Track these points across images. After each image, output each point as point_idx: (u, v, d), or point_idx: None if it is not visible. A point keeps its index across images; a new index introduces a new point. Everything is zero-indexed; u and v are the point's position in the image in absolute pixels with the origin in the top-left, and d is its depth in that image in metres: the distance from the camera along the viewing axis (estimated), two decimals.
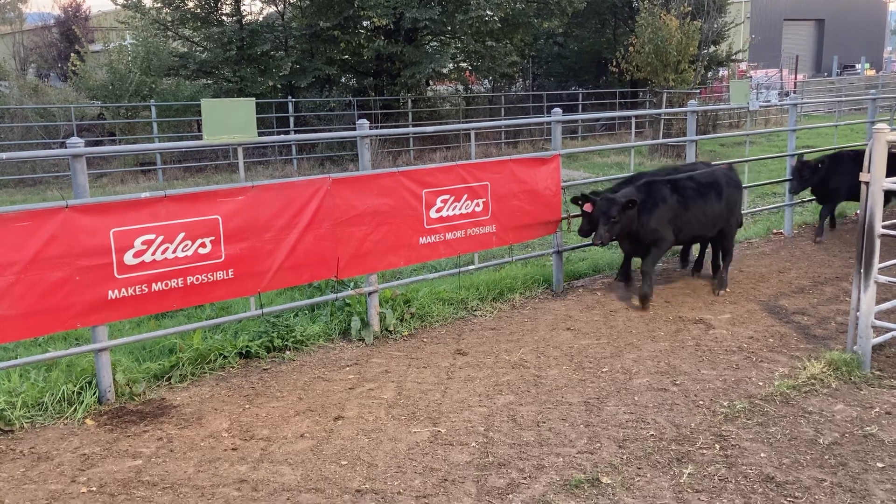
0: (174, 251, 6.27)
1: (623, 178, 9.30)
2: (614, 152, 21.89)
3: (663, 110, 21.74)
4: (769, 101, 21.16)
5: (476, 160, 8.41)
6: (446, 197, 7.98)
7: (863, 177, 6.23)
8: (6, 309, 5.59)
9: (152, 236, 6.16)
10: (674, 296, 8.92)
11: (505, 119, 26.55)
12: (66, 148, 6.05)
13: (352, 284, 8.18)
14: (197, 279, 6.44)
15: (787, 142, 12.26)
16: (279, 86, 25.27)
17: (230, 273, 6.60)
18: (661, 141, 18.91)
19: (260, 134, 7.21)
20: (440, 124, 22.53)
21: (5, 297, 5.58)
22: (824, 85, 41.10)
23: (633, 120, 21.96)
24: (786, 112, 20.75)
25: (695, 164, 9.62)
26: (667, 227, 8.34)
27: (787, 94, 30.21)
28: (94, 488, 5.01)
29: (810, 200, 13.55)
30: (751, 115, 18.80)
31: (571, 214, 9.13)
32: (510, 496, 4.74)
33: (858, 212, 6.80)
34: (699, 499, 4.64)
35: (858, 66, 51.41)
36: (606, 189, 8.81)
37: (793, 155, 12.04)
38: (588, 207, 8.39)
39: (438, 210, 7.94)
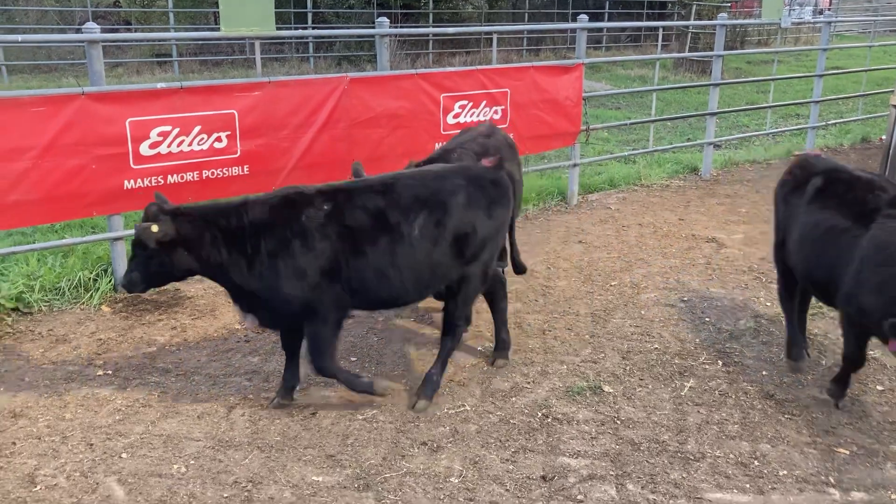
0: (190, 144, 6.25)
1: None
2: (638, 65, 21.38)
3: (691, 22, 21.08)
4: (802, 18, 20.46)
5: (497, 66, 8.23)
6: (465, 103, 7.85)
7: (892, 100, 6.11)
8: (23, 194, 5.63)
9: (168, 128, 6.12)
10: (688, 213, 8.88)
11: (528, 24, 25.85)
12: (82, 34, 5.96)
13: None
14: (212, 173, 6.44)
15: (817, 62, 11.92)
16: None
17: (245, 169, 6.59)
18: (686, 55, 18.45)
19: (277, 29, 7.06)
20: (461, 26, 21.96)
21: (22, 182, 5.60)
22: (861, 3, 39.61)
23: (661, 32, 21.31)
24: (818, 30, 20.11)
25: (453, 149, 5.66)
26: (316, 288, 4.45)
27: (820, 12, 29.19)
28: (110, 372, 5.16)
29: (834, 123, 13.30)
30: (781, 31, 18.23)
31: (591, 126, 9.00)
32: (513, 399, 4.86)
33: (884, 137, 6.67)
34: (698, 411, 4.75)
35: None
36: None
37: (822, 75, 11.74)
38: None
39: (456, 116, 7.83)
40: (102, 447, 4.30)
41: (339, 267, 4.42)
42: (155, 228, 4.26)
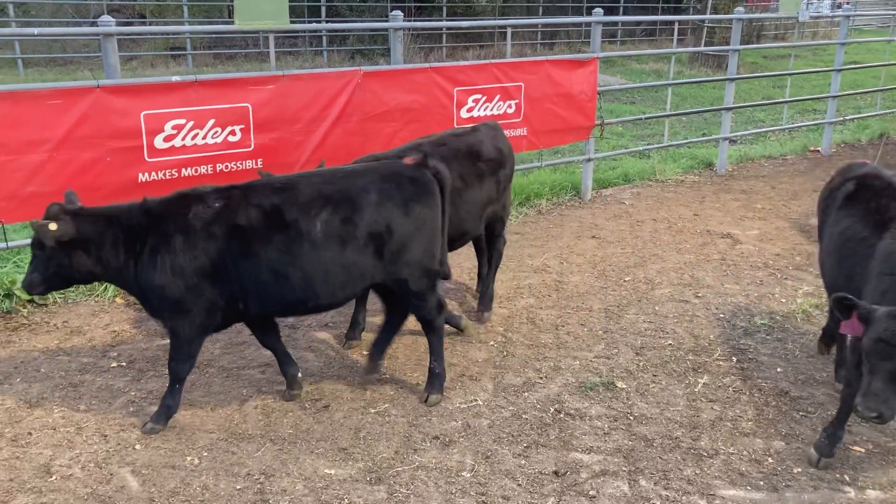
0: (204, 137, 6.26)
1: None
2: (653, 59, 21.28)
3: (707, 16, 20.93)
4: (820, 12, 20.28)
5: (511, 59, 8.20)
6: (478, 97, 7.83)
7: None
8: (39, 186, 5.66)
9: (182, 121, 6.13)
10: (702, 209, 8.83)
11: (543, 18, 25.74)
12: (97, 27, 5.98)
13: None
14: (226, 167, 6.45)
15: (835, 56, 11.81)
16: None
17: (259, 163, 6.59)
18: (701, 49, 18.31)
19: (291, 22, 7.06)
20: (475, 20, 21.89)
21: (38, 174, 5.63)
22: None
23: (676, 26, 21.17)
24: (836, 25, 19.93)
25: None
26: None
27: (839, 6, 28.91)
28: (124, 363, 5.20)
29: (851, 119, 13.19)
30: (799, 26, 18.07)
31: (606, 121, 8.95)
32: (525, 394, 4.85)
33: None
34: (712, 408, 4.72)
35: None
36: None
37: (839, 70, 11.62)
38: None
39: (469, 110, 7.81)
40: (116, 438, 4.33)
41: (224, 268, 4.23)
42: (53, 227, 4.10)
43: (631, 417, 4.62)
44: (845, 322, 3.77)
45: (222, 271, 4.24)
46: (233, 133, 6.40)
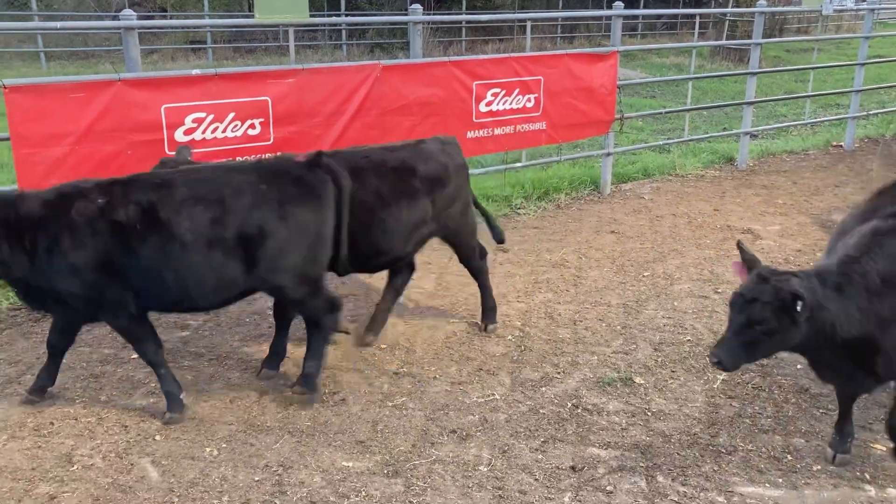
0: (224, 131, 6.29)
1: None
2: (674, 53, 21.11)
3: (729, 10, 20.74)
4: (844, 6, 20.03)
5: (530, 53, 8.17)
6: (497, 90, 7.81)
7: None
8: (60, 179, 5.66)
9: (203, 114, 6.16)
10: (723, 204, 8.76)
11: (563, 11, 25.62)
12: (118, 20, 6.02)
13: None
14: (246, 160, 6.47)
15: (859, 50, 11.66)
16: None
17: None
18: (723, 43, 18.16)
19: (311, 16, 7.07)
20: (495, 13, 21.83)
21: (60, 167, 5.68)
22: None
23: (697, 19, 20.99)
24: (860, 18, 19.67)
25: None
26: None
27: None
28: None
29: (875, 113, 13.04)
30: (822, 19, 17.86)
31: (626, 115, 8.90)
32: (543, 389, 4.85)
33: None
34: (731, 404, 4.70)
35: None
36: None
37: (863, 64, 11.48)
38: None
39: (488, 104, 7.79)
40: (137, 429, 4.37)
41: (112, 264, 4.14)
42: None
43: (649, 413, 4.60)
44: (735, 262, 3.89)
45: (112, 268, 4.15)
46: (252, 126, 6.43)
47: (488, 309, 5.70)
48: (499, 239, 5.93)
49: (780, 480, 3.98)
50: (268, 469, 4.03)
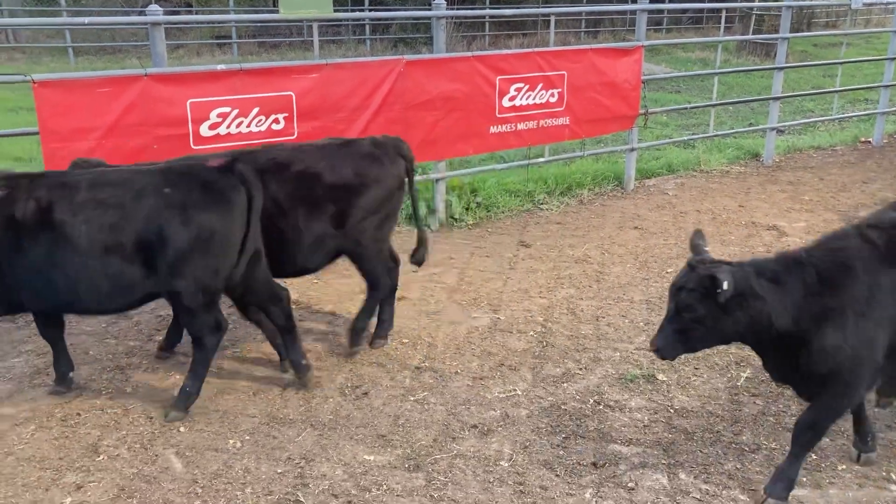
0: (248, 125, 6.33)
1: None
2: (699, 48, 20.94)
3: (756, 3, 20.50)
4: None
5: (554, 48, 8.14)
6: (520, 85, 7.79)
7: None
8: None
9: (227, 109, 6.21)
10: (748, 200, 8.68)
11: (587, 5, 25.47)
12: (145, 16, 6.08)
13: (419, 170, 8.17)
14: None
15: (889, 44, 11.48)
16: None
17: None
18: (749, 37, 17.95)
19: (334, 11, 7.09)
20: (519, 8, 21.72)
21: None
22: None
23: (723, 13, 20.77)
24: (890, 11, 19.35)
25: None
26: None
27: None
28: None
29: None
30: (851, 13, 17.61)
31: (650, 110, 8.84)
32: (565, 385, 4.84)
33: None
34: (755, 402, 4.66)
35: None
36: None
37: (893, 59, 11.30)
38: None
39: (511, 99, 7.78)
40: (161, 420, 4.42)
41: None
42: None
43: (671, 410, 4.58)
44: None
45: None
46: (276, 121, 6.47)
47: (382, 322, 5.31)
48: (416, 261, 5.55)
49: (805, 479, 3.95)
50: (290, 461, 4.07)
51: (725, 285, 3.39)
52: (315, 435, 4.30)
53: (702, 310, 3.51)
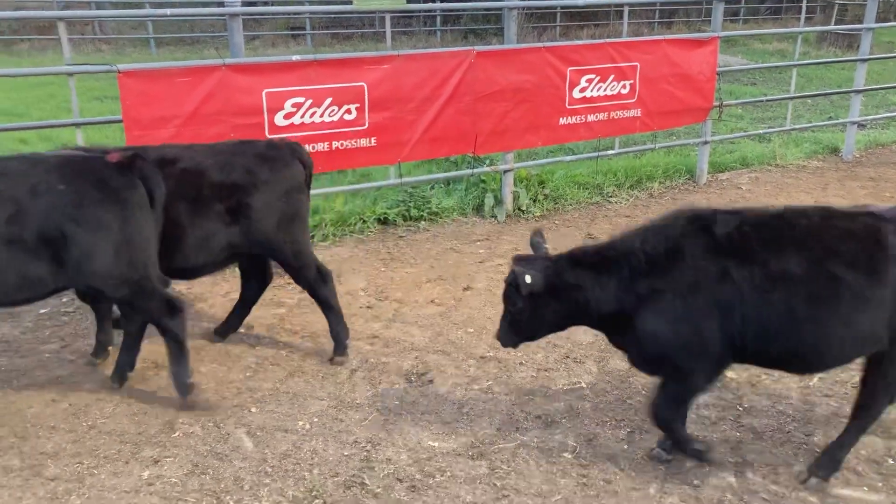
0: (321, 115, 6.45)
1: None
2: (777, 39, 20.32)
3: None
4: None
5: (627, 39, 8.04)
6: (592, 76, 7.71)
7: None
8: None
9: (301, 99, 6.34)
10: (825, 196, 8.41)
11: None
12: (224, 7, 6.25)
13: (487, 161, 8.19)
14: (341, 144, 6.63)
15: None
16: None
17: (373, 141, 6.75)
18: (831, 28, 17.34)
19: (407, 3, 7.15)
20: None
21: None
22: None
23: (804, 3, 20.10)
24: None
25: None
26: None
27: None
28: (243, 329, 5.45)
29: None
30: None
31: (725, 103, 8.65)
32: (630, 379, 4.80)
33: None
34: (827, 403, 4.53)
35: None
36: None
37: None
38: None
39: (582, 90, 7.71)
40: (234, 400, 4.57)
41: None
42: None
43: (740, 409, 4.49)
44: None
45: None
46: (348, 112, 6.57)
47: (334, 337, 5.08)
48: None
49: (880, 485, 3.83)
50: (356, 445, 4.15)
51: (528, 280, 3.62)
52: (381, 420, 4.38)
53: (519, 302, 3.75)
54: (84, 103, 6.13)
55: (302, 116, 6.35)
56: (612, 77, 7.80)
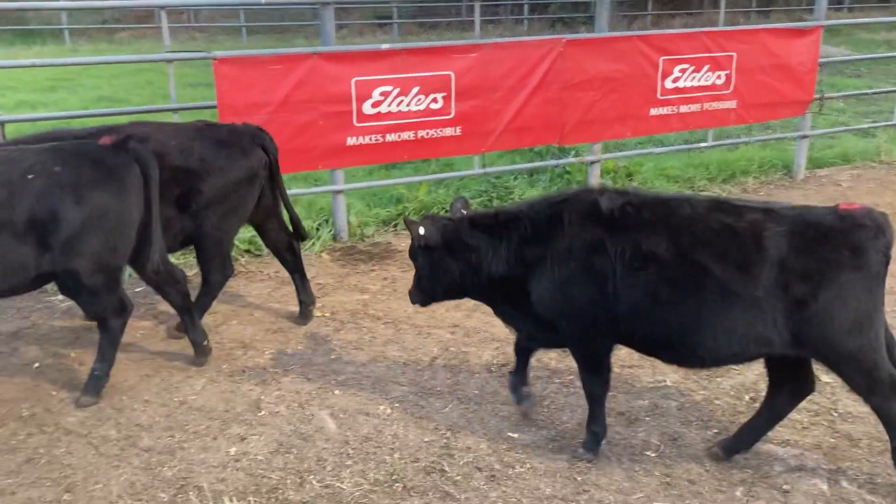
0: (408, 104, 6.49)
1: None
2: (885, 28, 19.30)
3: None
4: None
5: (723, 28, 7.78)
6: (685, 66, 7.50)
7: None
8: None
9: (389, 88, 6.38)
10: None
11: None
12: None
13: (573, 152, 8.08)
14: (427, 133, 6.65)
15: None
16: None
17: (458, 130, 6.75)
18: None
19: None
20: None
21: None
22: None
23: None
24: None
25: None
26: None
27: None
28: (327, 315, 5.55)
29: None
30: None
31: (826, 95, 8.28)
32: (718, 379, 4.64)
33: None
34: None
35: None
36: None
37: None
38: None
39: (675, 80, 7.51)
40: (318, 382, 4.66)
41: None
42: None
43: (835, 414, 4.30)
44: None
45: None
46: (435, 101, 6.58)
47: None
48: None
49: None
50: (437, 431, 4.17)
51: (421, 231, 3.79)
52: (461, 408, 4.38)
53: (420, 258, 3.93)
54: (178, 90, 6.32)
55: (389, 105, 6.40)
56: (706, 67, 7.56)
